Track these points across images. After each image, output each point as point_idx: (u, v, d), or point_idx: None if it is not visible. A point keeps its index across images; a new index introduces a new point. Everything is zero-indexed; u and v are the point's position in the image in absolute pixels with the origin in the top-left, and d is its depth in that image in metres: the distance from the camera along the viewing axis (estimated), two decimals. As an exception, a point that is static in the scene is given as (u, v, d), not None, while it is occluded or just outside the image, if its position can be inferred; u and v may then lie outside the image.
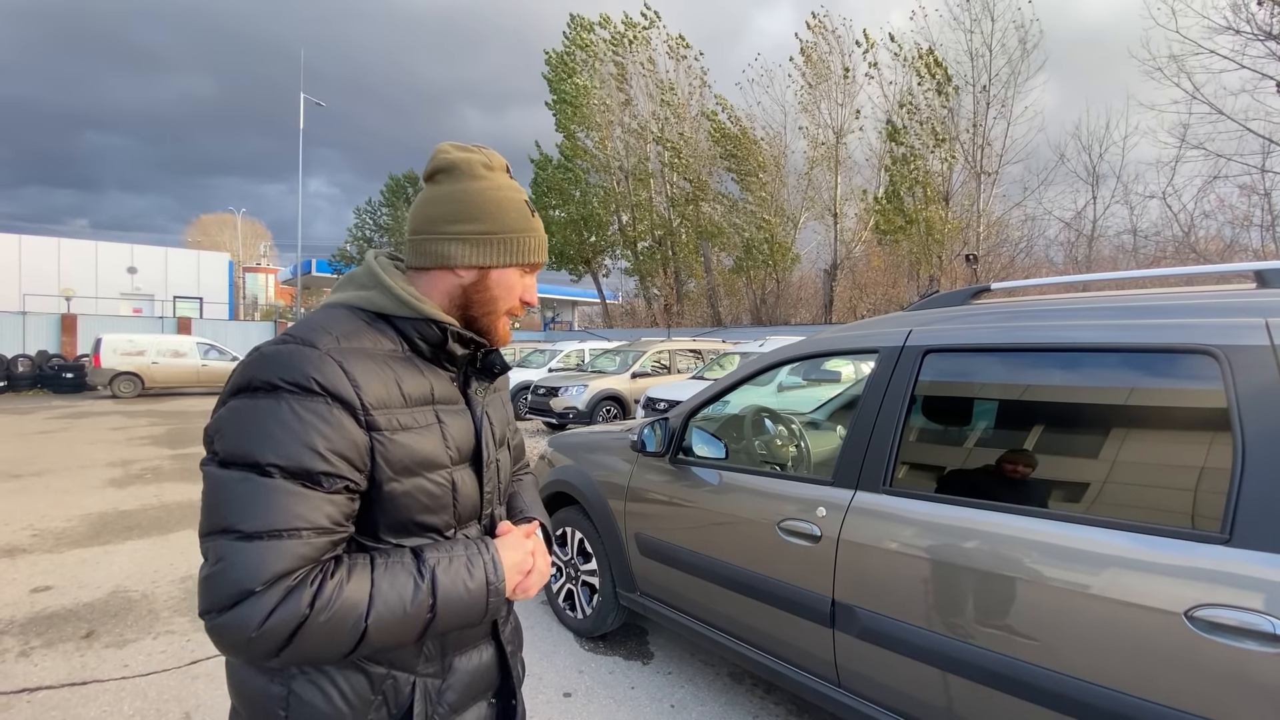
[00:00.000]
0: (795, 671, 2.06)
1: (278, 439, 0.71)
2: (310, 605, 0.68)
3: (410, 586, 0.76)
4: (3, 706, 2.48)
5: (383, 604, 0.73)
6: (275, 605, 0.67)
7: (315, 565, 0.71)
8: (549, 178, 27.45)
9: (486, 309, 0.93)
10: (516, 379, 12.41)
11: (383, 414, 0.79)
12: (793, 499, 2.09)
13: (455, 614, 0.79)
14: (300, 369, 0.74)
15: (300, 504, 0.71)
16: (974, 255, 16.48)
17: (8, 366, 16.50)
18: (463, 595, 0.80)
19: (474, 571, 0.82)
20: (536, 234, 0.94)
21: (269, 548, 0.69)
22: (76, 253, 26.13)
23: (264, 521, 0.69)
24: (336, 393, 0.75)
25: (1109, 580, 1.40)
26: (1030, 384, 1.84)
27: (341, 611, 0.70)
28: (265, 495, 0.70)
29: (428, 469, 0.84)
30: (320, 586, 0.70)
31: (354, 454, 0.76)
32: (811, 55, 21.83)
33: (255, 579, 0.67)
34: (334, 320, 0.83)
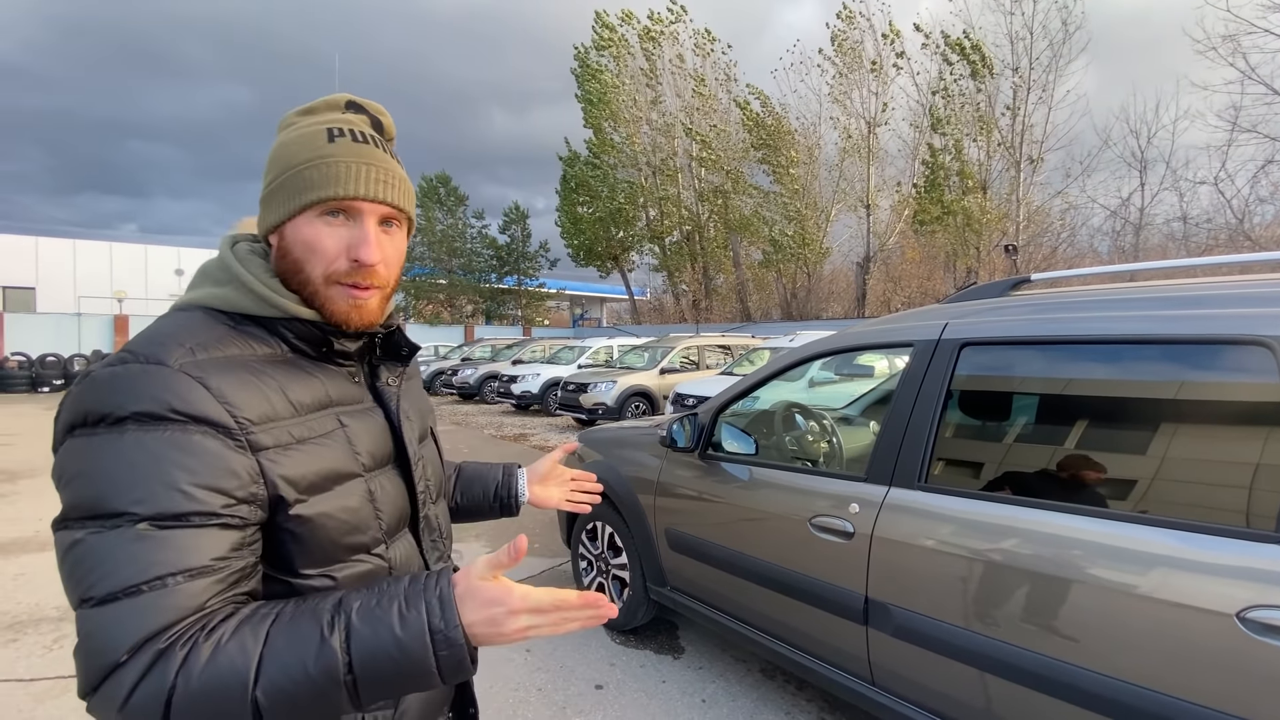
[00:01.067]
0: (828, 669, 2.05)
1: (126, 483, 0.57)
2: (176, 674, 0.53)
3: (314, 642, 0.57)
4: (62, 689, 2.62)
5: (276, 668, 0.55)
6: (139, 678, 0.53)
7: (200, 616, 0.57)
8: (577, 174, 27.58)
9: (297, 279, 0.72)
10: (546, 375, 12.50)
11: (268, 430, 0.65)
12: (825, 495, 2.07)
13: (386, 676, 0.58)
14: (147, 392, 0.59)
15: (160, 549, 0.56)
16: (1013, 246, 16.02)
17: (65, 366, 17.32)
18: (389, 651, 0.58)
19: (409, 616, 0.59)
20: (332, 159, 0.70)
21: (128, 608, 0.54)
22: (127, 256, 27.23)
23: (118, 580, 0.55)
24: (199, 415, 0.60)
25: (1157, 580, 1.35)
26: (1073, 378, 1.79)
27: (217, 678, 0.54)
28: (115, 549, 0.56)
29: (337, 482, 0.70)
30: (193, 649, 0.54)
31: (231, 484, 0.61)
32: (843, 44, 21.45)
33: (117, 649, 0.53)
34: (185, 327, 0.67)
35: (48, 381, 16.81)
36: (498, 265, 33.33)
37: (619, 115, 25.52)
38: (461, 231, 32.98)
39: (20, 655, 2.87)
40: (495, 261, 33.32)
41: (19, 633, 3.09)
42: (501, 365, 14.83)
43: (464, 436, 9.76)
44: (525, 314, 34.18)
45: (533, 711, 2.48)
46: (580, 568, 3.40)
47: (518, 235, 33.65)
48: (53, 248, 25.77)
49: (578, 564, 3.42)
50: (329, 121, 0.74)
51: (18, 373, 16.61)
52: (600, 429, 3.66)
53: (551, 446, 8.76)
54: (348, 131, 0.73)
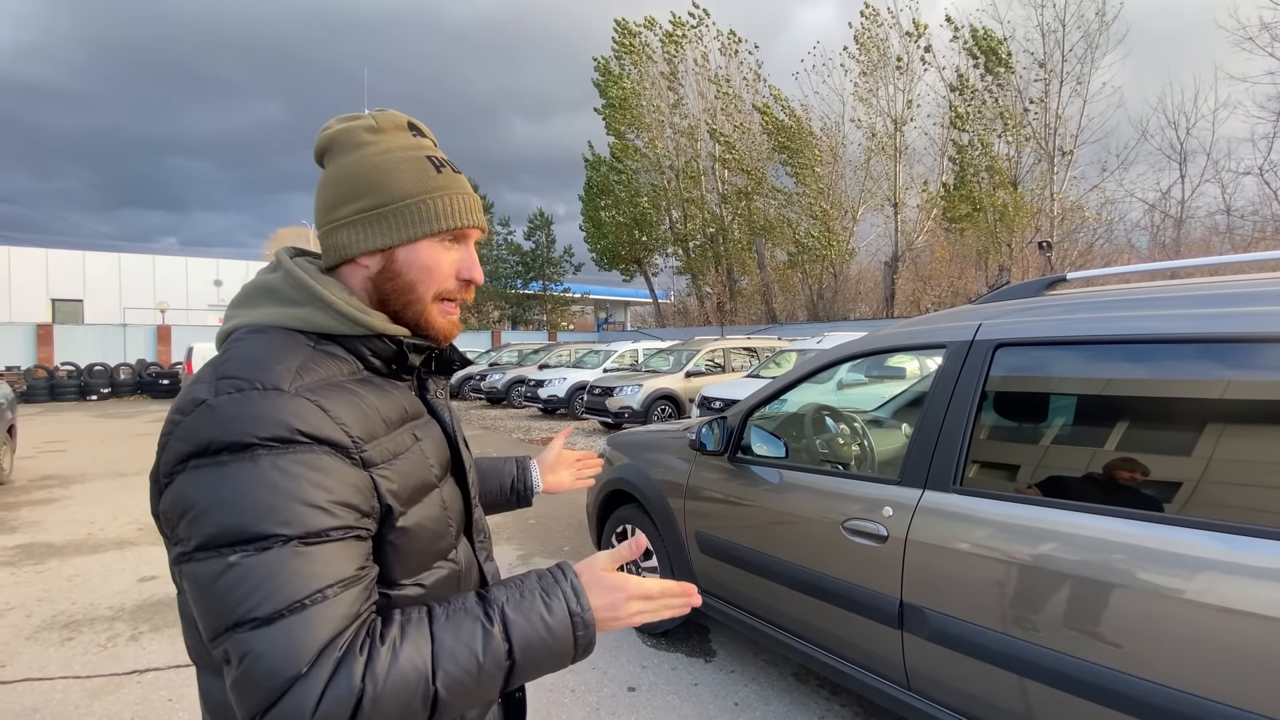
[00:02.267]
0: (862, 673, 2.03)
1: (268, 505, 0.59)
2: (363, 678, 0.57)
3: (479, 634, 0.63)
4: (116, 686, 2.73)
5: (450, 660, 0.61)
6: (325, 685, 0.55)
7: (360, 623, 0.61)
8: (600, 179, 27.72)
9: (405, 298, 0.76)
10: (573, 379, 12.58)
11: (374, 446, 0.68)
12: (857, 498, 2.06)
13: (539, 658, 0.66)
14: (271, 418, 0.61)
15: (313, 563, 0.59)
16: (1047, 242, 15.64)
17: (111, 374, 18.01)
18: (542, 635, 0.65)
19: (552, 604, 0.67)
20: (448, 193, 0.76)
21: (298, 622, 0.57)
22: (169, 268, 28.22)
23: (282, 597, 0.57)
24: (322, 436, 0.63)
25: (1203, 584, 1.32)
26: (1113, 378, 1.75)
27: (402, 677, 0.58)
28: (272, 569, 0.58)
29: (424, 493, 0.75)
30: (372, 653, 0.58)
31: (358, 499, 0.65)
32: (866, 42, 21.21)
33: (296, 661, 0.55)
34: (278, 351, 0.68)
35: (95, 390, 17.48)
36: (523, 271, 33.67)
37: (640, 120, 25.61)
38: (488, 238, 33.41)
39: (76, 653, 3.00)
40: (521, 267, 33.67)
41: (74, 631, 3.23)
42: (528, 370, 14.97)
43: (493, 440, 9.88)
44: (550, 319, 34.45)
45: (566, 713, 2.51)
46: (610, 571, 3.42)
47: (542, 241, 33.96)
48: (99, 261, 26.84)
49: (608, 567, 3.44)
50: (414, 148, 0.78)
51: (67, 381, 17.31)
52: (628, 433, 3.68)
53: (579, 448, 8.81)
54: (444, 164, 0.79)
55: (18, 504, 5.87)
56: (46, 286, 25.45)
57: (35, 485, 6.66)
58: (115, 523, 5.21)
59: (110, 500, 5.98)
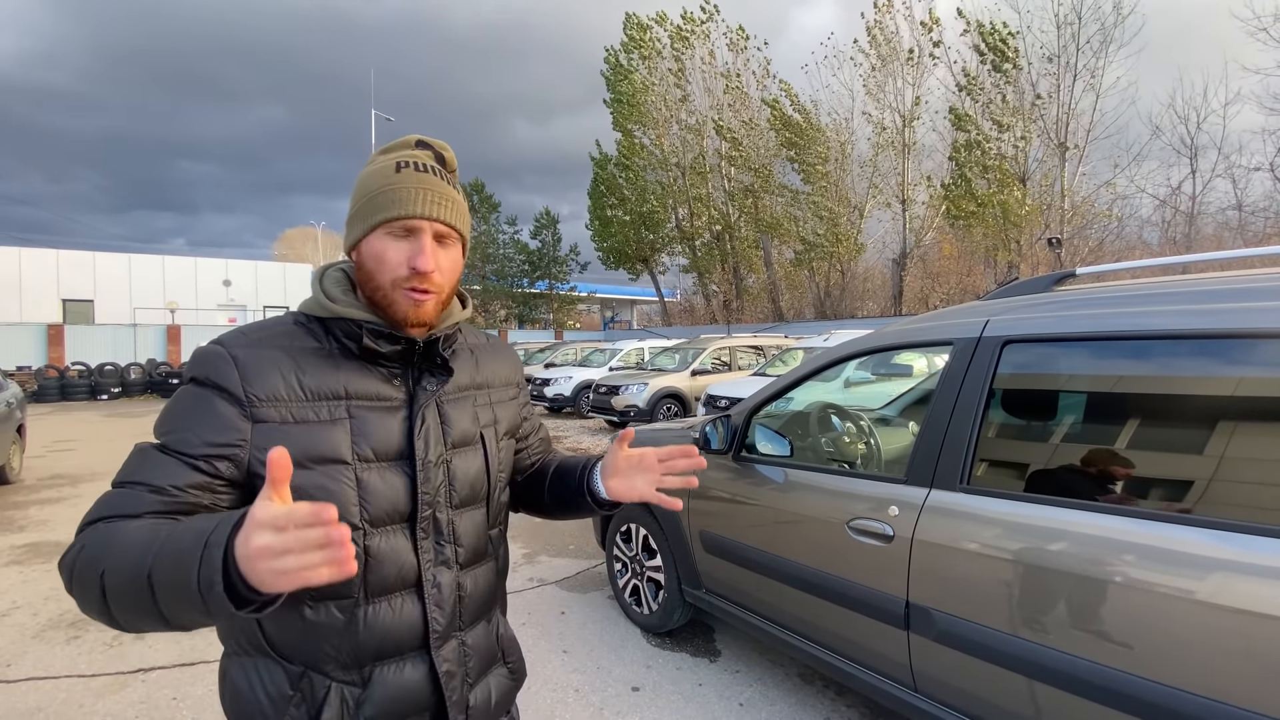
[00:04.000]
0: (868, 674, 2.01)
1: (169, 419, 0.79)
2: (86, 542, 0.69)
3: (150, 536, 0.65)
4: (121, 685, 2.73)
5: (123, 551, 0.65)
6: (75, 541, 0.70)
7: (129, 518, 0.71)
8: (607, 177, 27.70)
9: (368, 286, 0.86)
10: (579, 378, 12.58)
11: (272, 406, 0.79)
12: (863, 497, 2.03)
13: (164, 577, 0.61)
14: (200, 366, 0.81)
15: (147, 464, 0.75)
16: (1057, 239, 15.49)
17: (122, 374, 18.14)
18: (172, 554, 0.62)
19: (203, 527, 0.62)
20: (396, 188, 0.83)
21: (106, 496, 0.74)
22: (178, 269, 28.39)
23: (119, 476, 0.76)
24: (222, 385, 0.79)
25: (1215, 585, 1.29)
26: (1123, 375, 1.71)
27: (92, 550, 0.67)
28: (134, 456, 0.77)
29: (320, 463, 0.80)
30: (107, 530, 0.69)
31: (220, 436, 0.77)
32: (877, 36, 21.05)
33: (83, 520, 0.73)
34: (266, 323, 0.87)
35: (106, 389, 17.62)
36: (529, 270, 33.69)
37: (648, 116, 25.55)
38: (494, 237, 33.46)
39: (82, 652, 3.01)
40: (527, 266, 33.70)
41: (81, 630, 3.24)
42: (534, 368, 14.97)
43: (498, 439, 9.86)
44: (557, 318, 34.47)
45: (570, 712, 2.50)
46: (615, 569, 3.41)
47: (548, 240, 33.97)
48: (109, 262, 27.03)
49: (612, 565, 3.43)
50: (399, 156, 0.87)
51: (78, 381, 17.45)
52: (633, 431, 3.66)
53: (584, 448, 8.79)
54: (411, 163, 0.86)
55: (27, 503, 5.91)
56: (57, 287, 25.67)
57: (44, 484, 6.71)
58: (123, 521, 5.23)
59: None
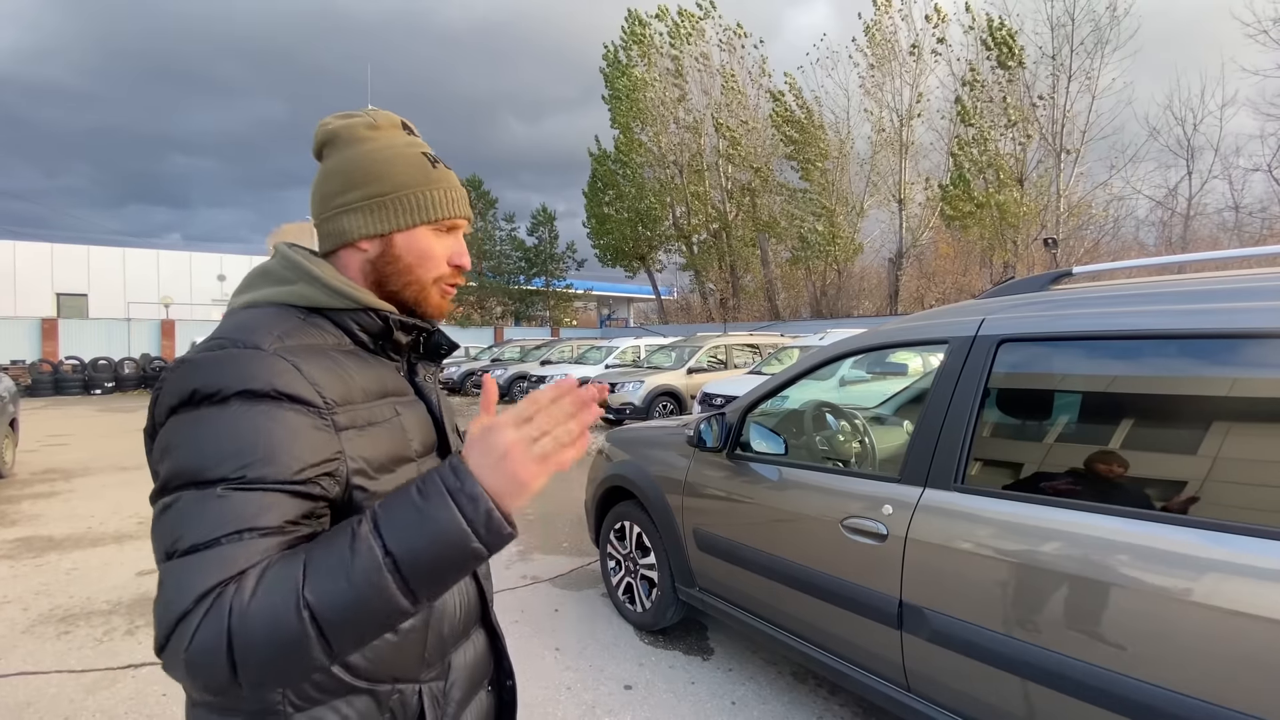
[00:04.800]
0: (861, 673, 2.00)
1: (238, 451, 0.61)
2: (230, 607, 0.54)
3: (347, 540, 0.58)
4: (111, 680, 2.72)
5: (319, 571, 0.56)
6: (201, 620, 0.54)
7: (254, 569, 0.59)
8: (606, 173, 27.65)
9: (404, 280, 0.82)
10: (575, 376, 12.55)
11: (346, 412, 0.70)
12: (857, 496, 2.03)
13: (421, 547, 0.58)
14: (249, 372, 0.64)
15: (240, 506, 0.59)
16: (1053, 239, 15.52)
17: (115, 369, 18.06)
18: (415, 520, 0.58)
19: (425, 488, 0.60)
20: (441, 186, 0.82)
21: (202, 559, 0.56)
22: (173, 263, 28.28)
23: (198, 534, 0.57)
24: (293, 394, 0.65)
25: (1209, 586, 1.28)
26: (1118, 375, 1.71)
27: (268, 597, 0.55)
28: (204, 507, 0.59)
29: (398, 464, 0.76)
30: (241, 582, 0.55)
31: (315, 456, 0.65)
32: (875, 34, 21.03)
33: (185, 597, 0.55)
34: (266, 319, 0.72)
35: (100, 384, 17.54)
36: (526, 267, 33.61)
37: (647, 114, 25.50)
38: (491, 234, 33.38)
39: (72, 647, 2.99)
40: (524, 263, 33.62)
41: (71, 625, 3.22)
42: (530, 366, 14.95)
43: (494, 436, 9.86)
44: (553, 315, 34.42)
45: (562, 710, 2.49)
46: (609, 567, 3.40)
47: (545, 237, 33.90)
48: (104, 256, 26.90)
49: (606, 564, 3.42)
50: (412, 145, 0.84)
51: (72, 376, 17.37)
52: (627, 429, 3.65)
53: (580, 446, 8.78)
54: (437, 161, 0.85)
55: (19, 497, 5.88)
56: (52, 281, 25.53)
57: (37, 479, 6.67)
58: (115, 517, 5.21)
59: (111, 494, 5.98)
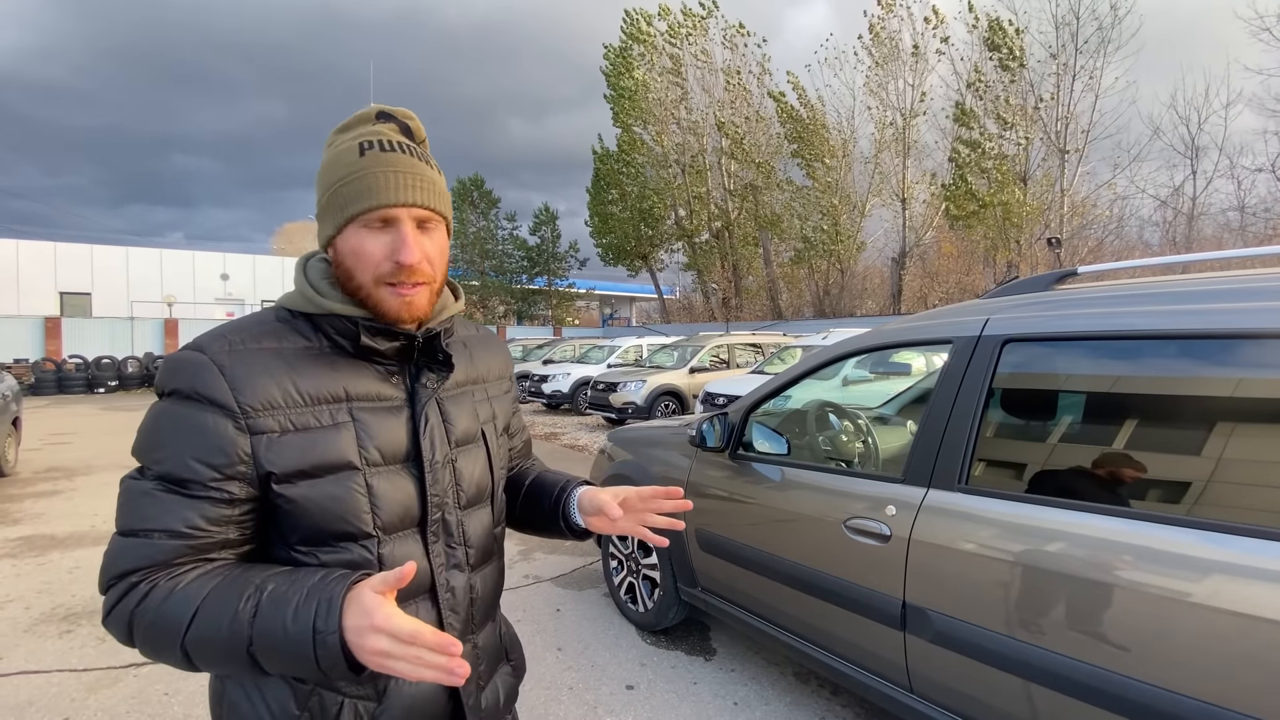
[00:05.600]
0: (864, 674, 1.99)
1: (157, 444, 0.73)
2: (135, 607, 0.68)
3: (232, 611, 0.66)
4: (113, 679, 2.72)
5: (204, 622, 0.66)
6: (115, 602, 0.69)
7: (162, 568, 0.70)
8: (608, 172, 27.63)
9: (352, 284, 0.79)
10: (576, 375, 12.56)
11: (269, 415, 0.73)
12: (860, 497, 2.02)
13: (278, 657, 0.65)
14: (181, 376, 0.73)
15: (154, 507, 0.70)
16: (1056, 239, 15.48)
17: (119, 367, 18.10)
18: (281, 637, 0.64)
19: (301, 611, 0.64)
20: (364, 174, 0.75)
21: (123, 545, 0.71)
22: (176, 262, 28.31)
23: (126, 521, 0.71)
24: (211, 398, 0.71)
25: (1213, 587, 1.27)
26: (1123, 375, 1.70)
27: (162, 621, 0.67)
28: (135, 496, 0.72)
29: (329, 472, 0.75)
30: (150, 591, 0.68)
31: (222, 459, 0.71)
32: (880, 33, 20.98)
33: (108, 573, 0.70)
34: (245, 323, 0.79)
35: (103, 383, 17.58)
36: (528, 266, 33.61)
37: (649, 113, 25.47)
38: (493, 233, 33.38)
39: (74, 646, 2.99)
40: (526, 262, 33.62)
41: (74, 624, 3.22)
42: (532, 365, 14.95)
43: (496, 436, 9.84)
44: (555, 314, 34.43)
45: (564, 710, 2.48)
46: (610, 567, 3.39)
47: (548, 236, 33.90)
48: (107, 255, 26.95)
49: (608, 563, 3.42)
50: (360, 135, 0.79)
51: (75, 374, 17.41)
52: (629, 428, 3.64)
53: (581, 445, 8.77)
54: (376, 143, 0.77)
55: (21, 496, 5.89)
56: (55, 280, 25.58)
57: (40, 477, 6.69)
58: (118, 515, 5.21)
59: (113, 493, 5.85)
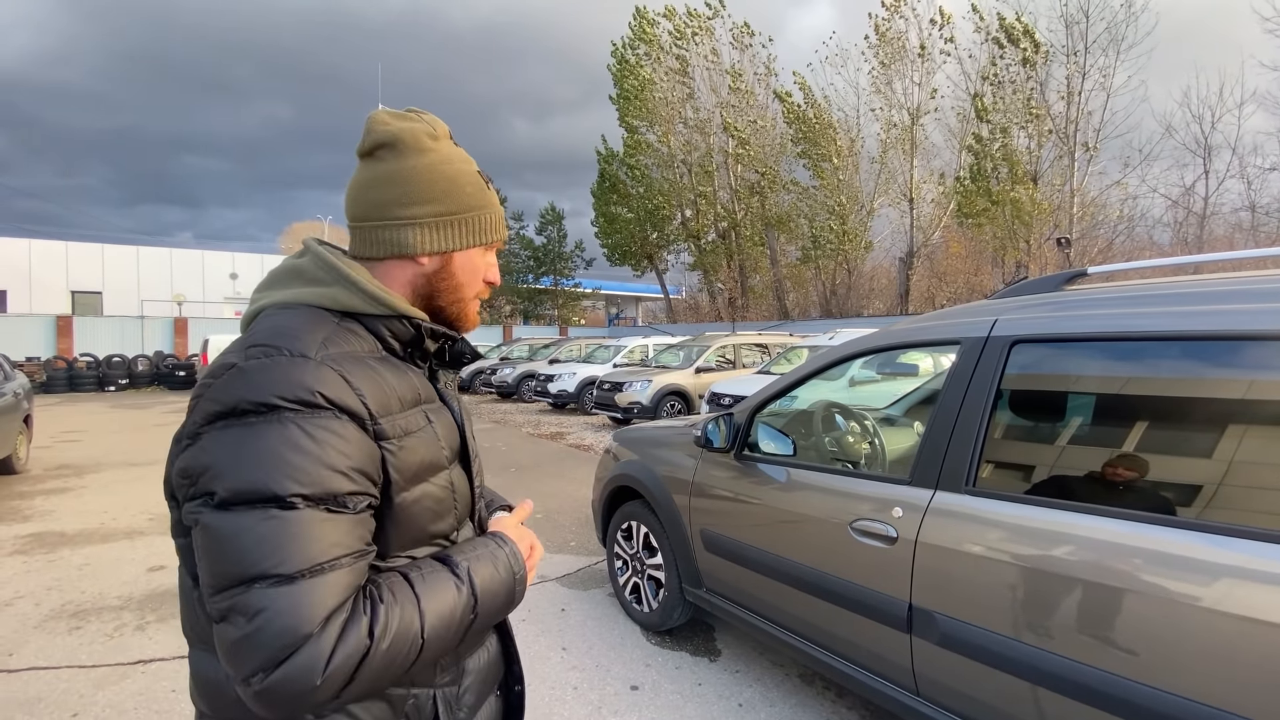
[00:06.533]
0: (869, 677, 1.98)
1: (294, 465, 0.62)
2: (370, 634, 0.63)
3: (453, 592, 0.73)
4: (120, 676, 2.73)
5: (435, 615, 0.70)
6: (335, 643, 0.60)
7: (361, 592, 0.66)
8: (613, 173, 27.63)
9: (454, 296, 0.86)
10: (582, 374, 12.57)
11: (387, 421, 0.72)
12: (866, 498, 2.01)
13: (492, 611, 0.79)
14: (299, 382, 0.65)
15: (335, 531, 0.64)
16: (1066, 238, 15.35)
17: (129, 366, 18.25)
18: (498, 591, 0.79)
19: (499, 565, 0.80)
20: (494, 208, 0.88)
21: (316, 585, 0.61)
22: (186, 262, 28.54)
23: (303, 558, 0.61)
24: (343, 404, 0.67)
25: (1223, 592, 1.26)
26: (1133, 376, 1.68)
27: (400, 632, 0.66)
28: (296, 530, 0.62)
29: (432, 473, 0.78)
30: (375, 613, 0.65)
31: (370, 468, 0.69)
32: (886, 32, 20.90)
33: (310, 621, 0.60)
34: (306, 323, 0.72)
35: (114, 381, 17.72)
36: (535, 266, 33.67)
37: (655, 113, 25.45)
38: (499, 233, 33.39)
39: (83, 642, 3.01)
40: (532, 262, 33.68)
41: (82, 620, 3.25)
42: (538, 364, 14.97)
43: (502, 434, 9.88)
44: (561, 314, 34.47)
45: (568, 710, 2.48)
46: (615, 567, 3.39)
47: (554, 236, 33.94)
48: (118, 254, 27.19)
49: (613, 563, 3.41)
50: (468, 162, 0.86)
51: (86, 373, 17.56)
52: (635, 428, 3.64)
53: (587, 445, 8.78)
54: (483, 177, 0.88)
55: (32, 493, 5.94)
56: (66, 279, 25.82)
57: (50, 474, 6.74)
58: (127, 512, 5.25)
59: (123, 490, 6.04)
